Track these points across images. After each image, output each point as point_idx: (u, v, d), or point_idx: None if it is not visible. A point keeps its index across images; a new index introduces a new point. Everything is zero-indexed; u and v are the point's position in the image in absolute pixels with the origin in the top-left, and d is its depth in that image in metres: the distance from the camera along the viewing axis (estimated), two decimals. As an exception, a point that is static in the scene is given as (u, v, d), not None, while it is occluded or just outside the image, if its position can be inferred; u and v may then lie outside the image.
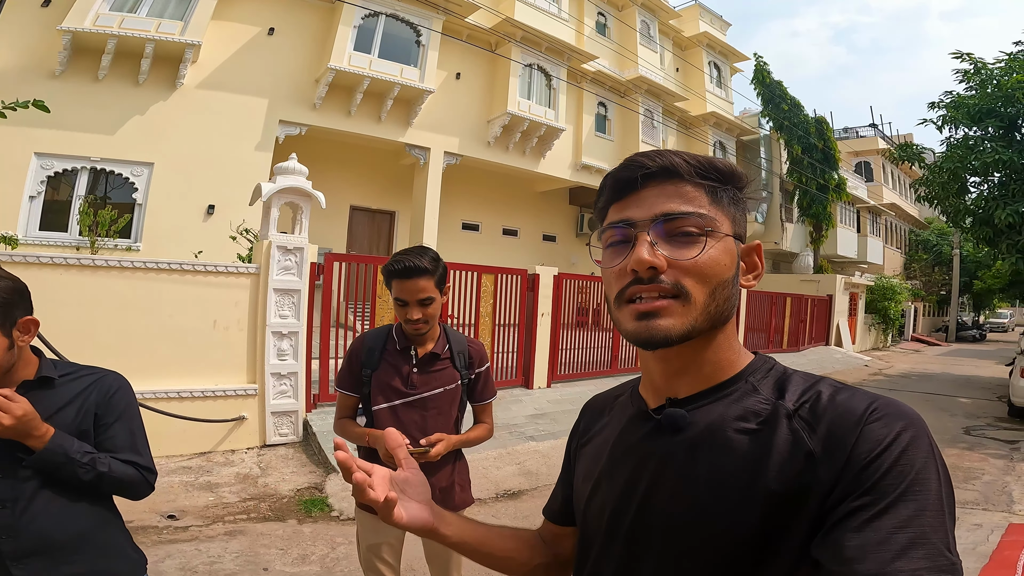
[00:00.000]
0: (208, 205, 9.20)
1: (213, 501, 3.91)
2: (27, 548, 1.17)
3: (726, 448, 0.61)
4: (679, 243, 0.63)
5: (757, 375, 0.66)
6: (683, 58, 17.57)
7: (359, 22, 10.44)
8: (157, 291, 4.62)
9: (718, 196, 0.65)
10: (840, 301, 16.40)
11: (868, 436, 0.56)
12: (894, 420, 0.57)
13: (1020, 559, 3.34)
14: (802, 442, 0.58)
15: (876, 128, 28.30)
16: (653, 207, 0.64)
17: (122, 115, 8.71)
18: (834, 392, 0.61)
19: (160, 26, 8.59)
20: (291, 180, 5.21)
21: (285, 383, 5.05)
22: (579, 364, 8.01)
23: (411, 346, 1.87)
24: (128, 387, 1.35)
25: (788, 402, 0.62)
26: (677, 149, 0.68)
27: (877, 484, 0.53)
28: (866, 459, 0.55)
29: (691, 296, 0.62)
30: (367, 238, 13.07)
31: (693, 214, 0.63)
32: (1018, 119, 9.57)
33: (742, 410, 0.63)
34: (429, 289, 1.76)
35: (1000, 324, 37.35)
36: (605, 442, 0.75)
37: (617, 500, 0.69)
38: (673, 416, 0.65)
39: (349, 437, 1.92)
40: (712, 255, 0.63)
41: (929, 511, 0.52)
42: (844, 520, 0.53)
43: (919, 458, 0.54)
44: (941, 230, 27.13)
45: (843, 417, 0.58)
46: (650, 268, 0.62)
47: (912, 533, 0.50)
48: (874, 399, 0.59)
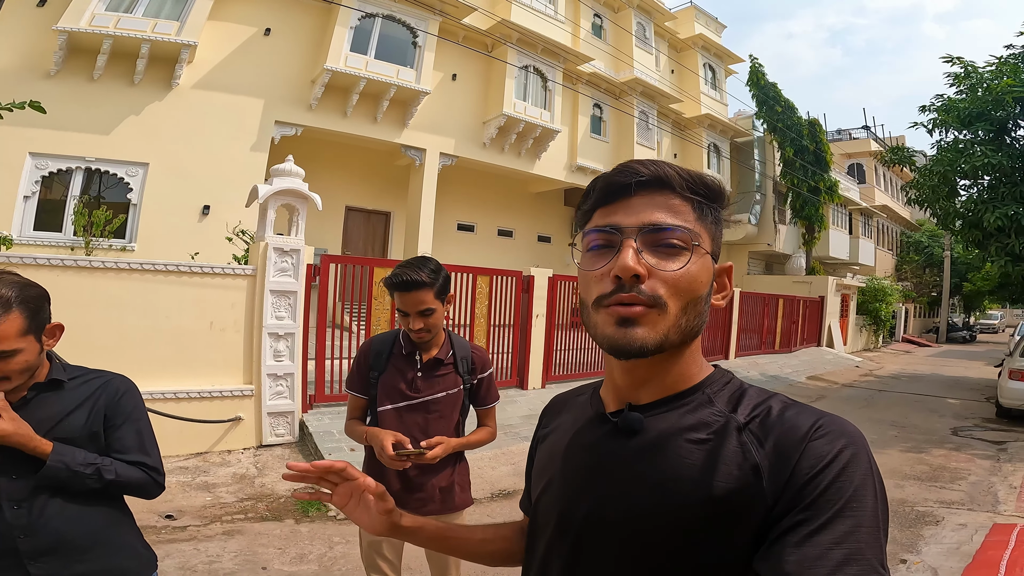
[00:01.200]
0: (203, 206, 9.19)
1: (211, 501, 3.94)
2: (43, 547, 1.21)
3: (676, 455, 0.63)
4: (663, 254, 0.63)
5: (714, 387, 0.68)
6: (678, 60, 17.66)
7: (355, 23, 10.46)
8: (154, 292, 4.63)
9: (704, 213, 0.66)
10: (832, 302, 16.55)
11: (811, 452, 0.57)
12: (836, 438, 0.58)
13: (1003, 558, 3.40)
14: (750, 455, 0.60)
15: (869, 130, 28.56)
16: (641, 215, 0.64)
17: (117, 115, 8.69)
18: (783, 408, 0.63)
19: (156, 26, 8.58)
20: (287, 182, 5.23)
21: (281, 384, 5.07)
22: (573, 365, 8.07)
23: (416, 351, 1.93)
24: (135, 389, 1.39)
25: (740, 415, 0.64)
26: (668, 161, 0.70)
27: (817, 500, 0.55)
28: (808, 475, 0.56)
29: (667, 307, 0.62)
30: (362, 239, 13.08)
31: (680, 227, 0.64)
32: (1008, 122, 9.66)
33: (696, 420, 0.65)
34: (429, 301, 1.82)
35: (991, 326, 37.71)
36: (561, 440, 0.77)
37: (568, 497, 0.70)
38: (629, 420, 0.67)
39: (354, 436, 1.98)
40: (692, 270, 0.63)
41: (864, 527, 0.54)
42: (785, 535, 0.55)
43: (858, 475, 0.56)
44: (932, 232, 27.36)
45: (789, 433, 0.60)
46: (634, 276, 0.62)
47: (847, 549, 0.52)
48: (820, 416, 0.61)
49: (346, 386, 2.03)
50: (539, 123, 12.93)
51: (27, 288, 1.21)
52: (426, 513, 1.90)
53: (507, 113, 12.33)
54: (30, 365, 1.21)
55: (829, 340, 16.37)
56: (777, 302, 13.94)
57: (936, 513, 4.45)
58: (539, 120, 12.96)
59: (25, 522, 1.20)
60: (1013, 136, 9.85)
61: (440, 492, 1.93)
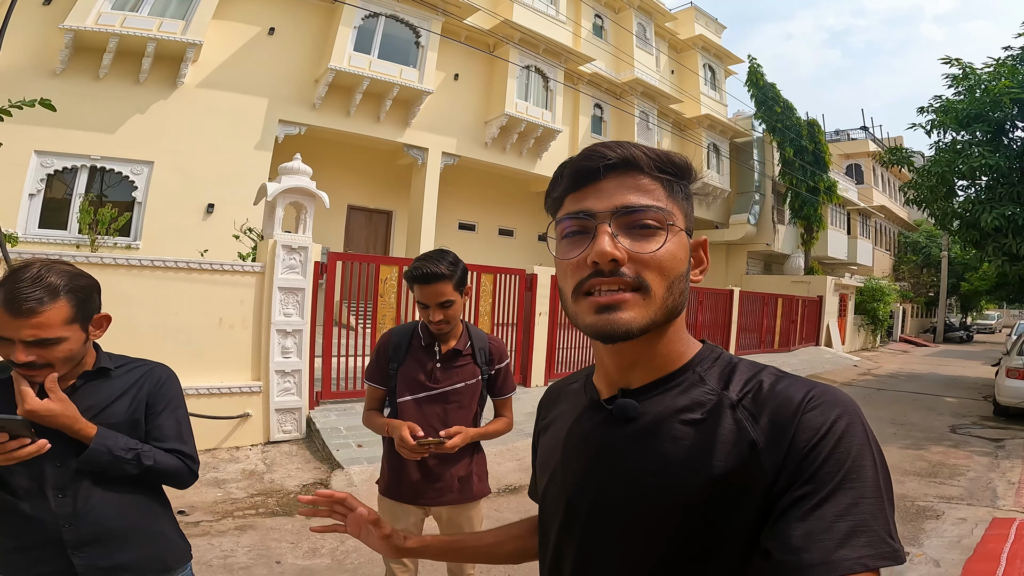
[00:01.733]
0: (207, 204, 9.24)
1: (221, 497, 3.99)
2: (86, 536, 1.22)
3: (674, 438, 0.63)
4: (639, 236, 0.63)
5: (704, 364, 0.67)
6: (678, 60, 17.74)
7: (359, 23, 10.52)
8: (163, 289, 4.67)
9: (674, 190, 0.66)
10: (830, 302, 16.63)
11: (806, 425, 0.57)
12: (829, 408, 0.58)
13: (1004, 551, 3.46)
14: (745, 432, 0.60)
15: (867, 131, 28.65)
16: (613, 198, 0.63)
17: (122, 113, 8.74)
18: (775, 381, 0.63)
19: (162, 25, 8.63)
20: (296, 180, 5.28)
21: (289, 380, 5.12)
22: (576, 362, 8.13)
23: (435, 343, 1.98)
24: (175, 378, 1.42)
25: (732, 392, 0.63)
26: (634, 141, 0.67)
27: (817, 472, 0.55)
28: (805, 448, 0.56)
29: (651, 289, 0.62)
30: (364, 237, 13.13)
31: (653, 207, 0.63)
32: (1005, 124, 9.74)
33: (689, 400, 0.64)
34: (448, 292, 1.87)
35: (988, 326, 37.87)
36: (560, 430, 0.76)
37: (573, 488, 0.70)
38: (624, 407, 0.67)
39: (373, 427, 2.03)
40: (670, 249, 0.63)
41: (867, 498, 0.53)
42: (789, 509, 0.55)
43: (855, 445, 0.56)
44: (930, 232, 27.48)
45: (782, 407, 0.60)
46: (612, 260, 0.61)
47: (853, 521, 0.52)
48: (811, 387, 0.61)
49: (365, 377, 2.08)
50: (540, 123, 12.99)
51: (77, 278, 1.23)
52: (445, 502, 1.96)
53: (509, 113, 12.39)
54: (74, 354, 1.22)
55: (827, 339, 16.45)
56: (776, 302, 14.02)
57: (936, 508, 4.52)
58: (540, 120, 13.02)
59: (70, 511, 1.21)
60: (1010, 137, 9.93)
61: (459, 481, 1.98)
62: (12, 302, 1.12)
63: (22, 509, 1.21)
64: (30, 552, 1.21)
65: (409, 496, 1.96)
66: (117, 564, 1.26)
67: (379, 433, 2.00)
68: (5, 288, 1.14)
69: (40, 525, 1.21)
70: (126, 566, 1.27)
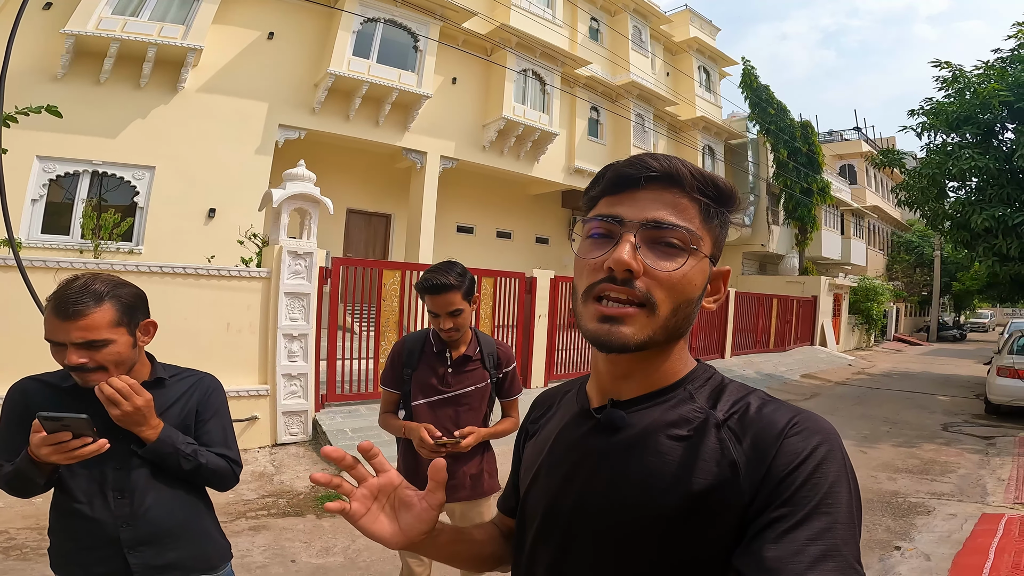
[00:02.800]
0: (209, 209, 9.29)
1: (234, 498, 4.07)
2: (142, 536, 1.30)
3: (657, 451, 0.64)
4: (660, 253, 0.63)
5: (696, 383, 0.68)
6: (673, 63, 17.89)
7: (358, 27, 10.59)
8: (171, 294, 4.75)
9: (710, 215, 0.66)
10: (824, 302, 16.81)
11: (786, 449, 0.59)
12: (811, 435, 0.59)
13: (992, 545, 3.58)
14: (728, 452, 0.61)
15: (860, 132, 28.93)
16: (645, 210, 0.63)
17: (123, 118, 8.78)
18: (761, 405, 0.64)
19: (162, 30, 8.68)
20: (301, 186, 5.37)
21: (295, 384, 5.21)
22: (575, 364, 8.24)
23: (446, 349, 2.10)
24: (221, 388, 1.53)
25: (719, 412, 0.64)
26: (682, 158, 0.67)
27: (793, 496, 0.56)
28: (783, 472, 0.57)
29: (657, 308, 0.62)
30: (363, 241, 13.20)
31: (682, 227, 0.63)
32: (995, 125, 9.84)
33: (677, 416, 0.65)
34: (457, 302, 1.98)
35: (981, 324, 38.23)
36: (548, 435, 0.77)
37: (555, 492, 0.71)
38: (612, 416, 0.68)
39: (390, 429, 2.13)
40: (687, 272, 0.63)
41: (840, 524, 0.55)
42: (763, 531, 0.56)
43: (831, 472, 0.57)
44: (923, 232, 27.72)
45: (766, 430, 0.61)
46: (627, 270, 0.62)
47: (824, 545, 0.53)
48: (795, 413, 0.62)
49: (381, 382, 2.19)
50: (538, 126, 13.11)
51: (121, 287, 1.32)
52: (458, 499, 2.07)
53: (507, 116, 12.50)
54: (123, 358, 1.29)
55: (822, 339, 16.63)
56: (771, 302, 14.17)
57: (927, 504, 4.65)
58: (538, 123, 13.13)
59: (128, 511, 1.29)
60: (1000, 139, 10.06)
61: (471, 479, 2.09)
62: (61, 307, 1.22)
63: (83, 511, 1.29)
64: (89, 552, 1.29)
65: None
66: (169, 563, 1.34)
67: (396, 435, 2.11)
68: (55, 296, 1.24)
69: (100, 526, 1.29)
70: (177, 564, 1.36)
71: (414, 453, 2.04)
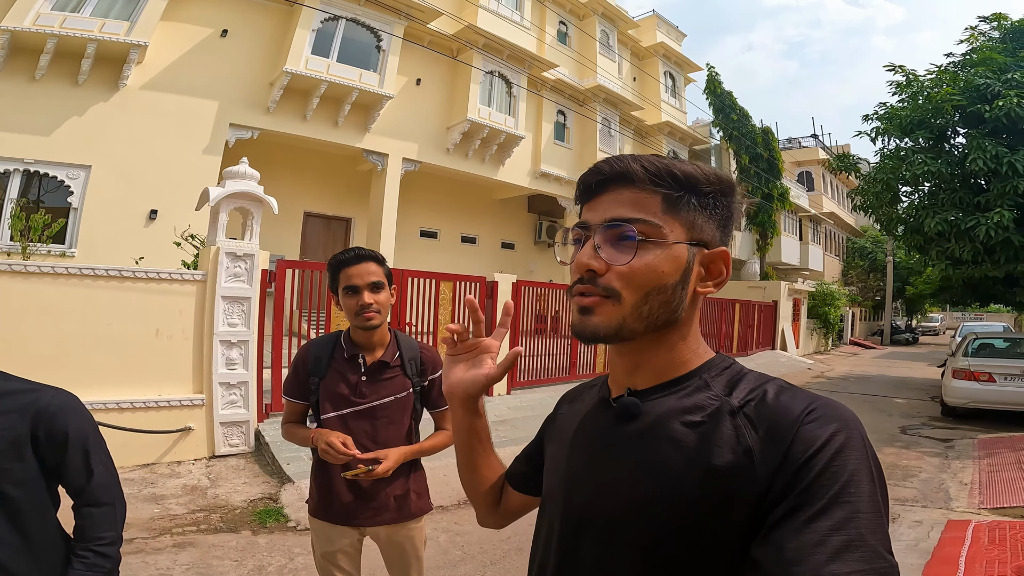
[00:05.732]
0: (150, 210, 8.81)
1: (159, 513, 3.72)
2: None
3: (672, 438, 0.64)
4: (619, 248, 0.66)
5: (712, 372, 0.69)
6: (640, 67, 18.05)
7: (318, 25, 10.28)
8: (94, 298, 4.38)
9: (674, 202, 0.67)
10: (785, 307, 17.08)
11: (803, 437, 0.58)
12: (828, 422, 0.58)
13: (962, 555, 3.47)
14: (743, 439, 0.60)
15: (817, 139, 29.83)
16: (605, 212, 0.67)
17: (59, 116, 8.28)
18: (778, 392, 0.64)
19: (104, 26, 8.25)
20: (241, 184, 5.05)
21: (235, 393, 4.86)
22: (538, 371, 8.05)
23: (359, 354, 1.83)
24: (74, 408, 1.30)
25: (735, 399, 0.64)
26: (644, 154, 0.70)
27: (812, 485, 0.55)
28: (801, 459, 0.56)
29: (621, 297, 0.65)
30: (321, 245, 12.78)
31: (633, 220, 0.65)
32: (947, 130, 10.08)
33: (691, 404, 0.66)
34: (379, 274, 1.78)
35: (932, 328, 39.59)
36: (571, 426, 0.79)
37: (574, 480, 0.73)
38: (626, 404, 0.69)
39: (295, 440, 1.88)
40: (648, 261, 0.65)
41: (864, 513, 0.53)
42: (782, 521, 0.55)
43: (852, 460, 0.56)
44: (875, 238, 28.70)
45: (781, 417, 0.60)
46: (589, 270, 0.66)
47: (847, 535, 0.51)
48: (813, 400, 0.62)
49: (283, 391, 1.93)
50: (503, 129, 12.96)
51: None
52: (381, 522, 1.82)
53: (472, 119, 12.31)
54: None
55: (783, 343, 16.88)
56: (734, 307, 14.30)
57: (892, 510, 4.54)
58: (503, 126, 12.98)
59: None
60: (951, 144, 10.34)
61: (395, 500, 1.84)
62: None
63: None
64: None
65: (342, 517, 1.81)
66: None
67: (304, 445, 1.85)
68: None
69: None
70: None
71: (327, 467, 1.79)
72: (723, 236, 0.71)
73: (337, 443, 1.65)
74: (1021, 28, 9.97)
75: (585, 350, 8.79)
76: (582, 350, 8.71)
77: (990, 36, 10.45)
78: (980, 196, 9.28)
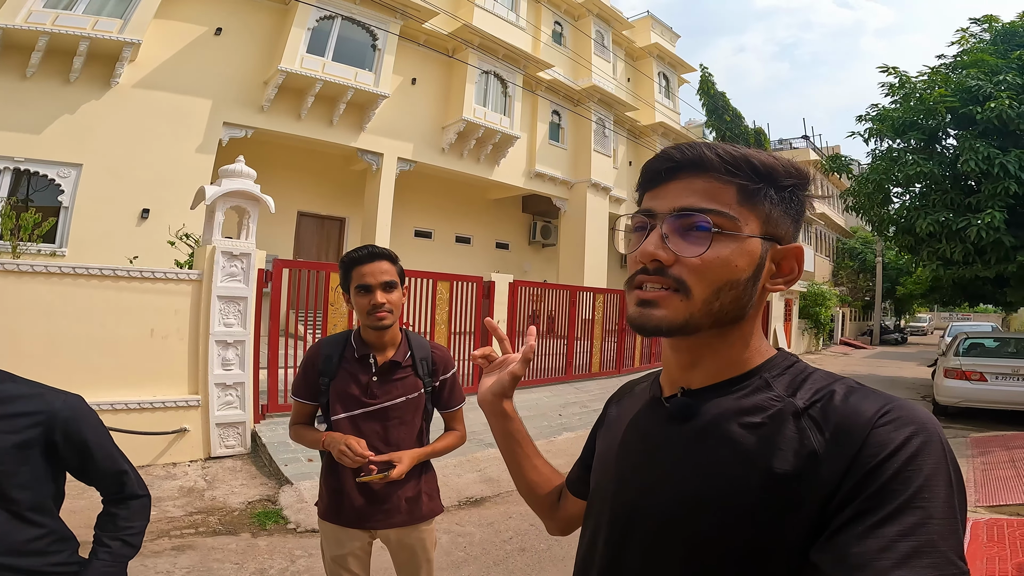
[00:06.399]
0: (142, 209, 8.72)
1: (156, 515, 3.67)
2: None
3: (730, 440, 0.62)
4: (692, 239, 0.63)
5: (773, 371, 0.66)
6: (634, 68, 18.10)
7: (313, 24, 10.22)
8: (88, 298, 4.32)
9: (751, 194, 0.64)
10: (777, 307, 17.19)
11: (876, 439, 0.55)
12: (905, 424, 0.55)
13: None
14: (807, 441, 0.58)
15: (808, 140, 30.00)
16: (674, 200, 0.64)
17: (50, 114, 8.19)
18: (847, 392, 0.60)
19: (97, 24, 8.19)
20: (238, 183, 4.99)
21: (231, 394, 4.81)
22: (534, 371, 8.04)
23: (370, 353, 1.80)
24: (84, 413, 1.30)
25: (799, 400, 0.61)
26: (716, 142, 0.66)
27: (882, 489, 0.52)
28: (872, 463, 0.54)
29: (691, 292, 0.62)
30: (315, 245, 12.72)
31: (707, 210, 0.62)
32: (938, 132, 10.10)
33: (751, 405, 0.63)
34: (392, 273, 1.76)
35: (920, 328, 40.03)
36: (620, 425, 0.77)
37: (624, 480, 0.71)
38: (681, 405, 0.67)
39: (304, 443, 1.84)
40: (722, 254, 0.62)
41: (937, 519, 0.50)
42: (847, 525, 0.52)
43: (928, 464, 0.53)
44: (865, 239, 28.96)
45: (851, 418, 0.57)
46: (655, 260, 0.63)
47: (917, 541, 0.49)
48: (888, 401, 0.58)
49: (292, 392, 1.90)
50: (499, 129, 12.94)
51: None
52: (392, 524, 1.79)
53: (467, 118, 12.29)
54: None
55: (775, 343, 17.01)
56: (728, 306, 14.38)
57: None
58: (499, 126, 12.97)
59: None
60: (943, 145, 10.40)
61: (407, 502, 1.81)
62: None
63: None
64: None
65: (353, 520, 1.78)
66: None
67: (313, 448, 1.82)
68: None
69: None
70: None
71: (337, 470, 1.76)
72: (796, 231, 0.68)
73: (356, 446, 1.63)
74: (1012, 30, 10.00)
75: (581, 350, 8.79)
76: (578, 350, 8.71)
77: (981, 38, 10.48)
78: (971, 197, 9.35)
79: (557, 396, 7.57)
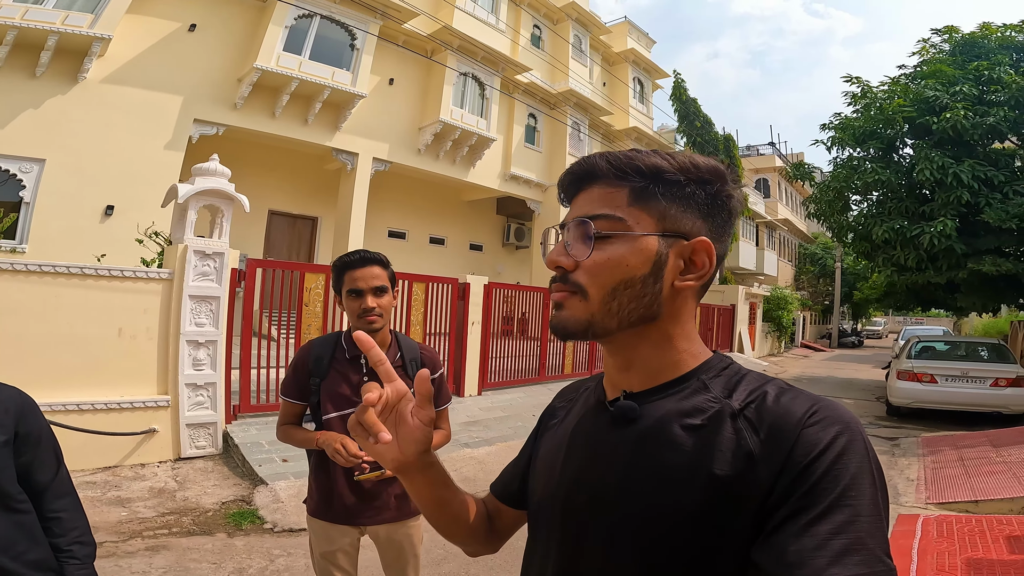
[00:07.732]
0: (107, 206, 8.49)
1: (127, 516, 3.62)
2: None
3: (671, 442, 0.63)
4: (585, 244, 0.66)
5: (710, 373, 0.67)
6: (610, 72, 18.36)
7: (291, 22, 10.11)
8: (54, 296, 4.23)
9: (641, 193, 0.65)
10: (742, 310, 17.60)
11: (805, 439, 0.57)
12: (831, 424, 0.58)
13: (914, 547, 3.63)
14: (744, 442, 0.59)
15: (774, 147, 30.88)
16: (577, 211, 0.68)
17: (13, 108, 7.95)
18: (779, 393, 0.63)
19: (67, 18, 7.97)
20: (212, 182, 4.95)
21: (202, 394, 4.75)
22: (509, 372, 8.12)
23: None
24: (35, 407, 1.28)
25: (735, 401, 0.63)
26: (618, 150, 0.68)
27: (813, 488, 0.54)
28: (804, 463, 0.56)
29: (587, 293, 0.65)
30: (287, 244, 12.54)
31: (596, 216, 0.65)
32: (896, 141, 10.47)
33: (691, 407, 0.64)
34: (383, 278, 1.81)
35: (875, 331, 41.39)
36: (566, 428, 0.77)
37: (569, 484, 0.70)
38: (624, 408, 0.67)
39: (293, 442, 1.88)
40: (613, 255, 0.64)
41: (864, 516, 0.53)
42: (783, 524, 0.54)
43: (854, 463, 0.55)
44: (826, 244, 29.93)
45: (783, 419, 0.59)
46: (558, 267, 0.67)
47: (848, 539, 0.51)
48: (814, 402, 0.61)
49: (281, 392, 1.94)
50: (475, 131, 12.99)
51: None
52: (382, 521, 1.85)
53: (444, 120, 12.30)
54: None
55: (740, 346, 17.41)
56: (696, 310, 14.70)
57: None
58: (475, 128, 13.02)
59: None
60: (900, 154, 10.72)
61: (396, 499, 1.87)
62: None
63: None
64: None
65: (343, 517, 1.83)
66: None
67: (304, 447, 1.86)
68: None
69: None
70: None
71: (328, 468, 1.81)
72: (711, 227, 0.67)
73: (350, 446, 1.67)
74: (972, 41, 10.31)
75: (554, 351, 8.91)
76: (551, 351, 8.83)
77: (941, 48, 10.81)
78: (925, 206, 9.71)
79: (531, 397, 7.66)
